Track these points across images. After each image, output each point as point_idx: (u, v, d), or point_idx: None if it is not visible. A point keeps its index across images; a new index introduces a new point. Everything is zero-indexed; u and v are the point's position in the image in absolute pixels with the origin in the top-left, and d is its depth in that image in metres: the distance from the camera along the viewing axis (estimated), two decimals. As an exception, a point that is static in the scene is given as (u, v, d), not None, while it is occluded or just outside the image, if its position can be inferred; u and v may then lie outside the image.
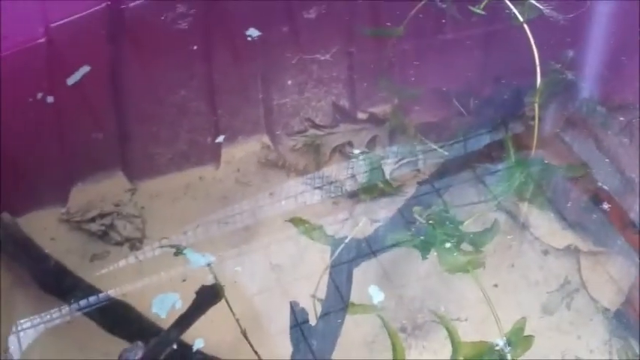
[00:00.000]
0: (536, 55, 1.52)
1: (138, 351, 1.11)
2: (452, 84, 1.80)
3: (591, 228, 1.62)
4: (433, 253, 1.37)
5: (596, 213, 1.62)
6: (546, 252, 1.64)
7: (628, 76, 1.72)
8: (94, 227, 1.62)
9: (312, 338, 1.23)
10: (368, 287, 1.48)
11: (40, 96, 1.54)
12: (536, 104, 1.51)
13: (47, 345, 1.45)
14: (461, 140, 1.67)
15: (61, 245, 1.60)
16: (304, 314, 1.22)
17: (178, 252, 1.20)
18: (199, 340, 1.27)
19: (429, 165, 1.74)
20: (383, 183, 1.67)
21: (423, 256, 1.28)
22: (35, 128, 1.57)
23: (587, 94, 1.69)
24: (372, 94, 1.87)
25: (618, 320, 1.50)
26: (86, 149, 1.65)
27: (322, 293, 1.39)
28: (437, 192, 1.53)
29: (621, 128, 1.65)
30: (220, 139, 1.75)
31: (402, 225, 1.43)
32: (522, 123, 1.70)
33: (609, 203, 1.60)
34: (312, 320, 1.29)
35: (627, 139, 1.64)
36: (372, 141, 1.82)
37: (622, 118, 1.66)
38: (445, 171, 1.67)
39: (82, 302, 1.43)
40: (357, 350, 1.47)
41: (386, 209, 1.67)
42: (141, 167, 1.74)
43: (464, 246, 1.32)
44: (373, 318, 1.48)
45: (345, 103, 1.87)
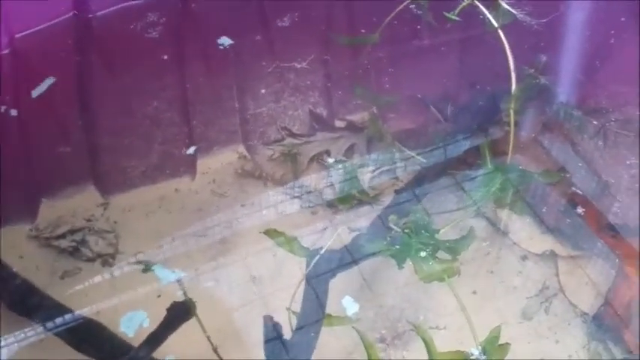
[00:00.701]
0: (510, 61, 1.51)
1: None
2: (428, 90, 1.79)
3: (569, 232, 1.61)
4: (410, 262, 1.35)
5: (573, 217, 1.61)
6: (525, 257, 1.62)
7: (602, 80, 1.71)
8: (65, 243, 1.58)
9: (287, 352, 1.20)
10: (345, 296, 1.47)
11: (3, 109, 1.50)
12: (511, 110, 1.50)
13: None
14: (439, 147, 1.65)
15: (30, 262, 1.56)
16: (278, 328, 1.19)
17: (147, 268, 1.18)
18: (169, 358, 1.24)
19: (408, 172, 1.73)
20: (359, 192, 1.65)
21: (399, 266, 1.26)
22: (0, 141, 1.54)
23: (562, 99, 1.68)
24: (350, 102, 1.86)
25: (596, 324, 1.49)
26: (55, 163, 1.62)
27: (298, 306, 1.37)
28: (415, 199, 1.51)
29: (596, 132, 1.65)
30: (191, 151, 1.73)
31: (381, 234, 1.41)
32: (500, 128, 1.69)
33: (586, 207, 1.59)
34: (287, 334, 1.26)
35: (602, 143, 1.64)
36: (350, 149, 1.80)
37: (595, 122, 1.66)
38: (423, 178, 1.66)
39: (51, 321, 1.39)
40: (337, 362, 1.45)
41: (365, 218, 1.65)
42: (113, 181, 1.71)
43: (440, 254, 1.30)
44: (352, 329, 1.46)
45: (323, 112, 1.86)
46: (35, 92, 1.49)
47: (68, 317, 1.39)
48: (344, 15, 1.77)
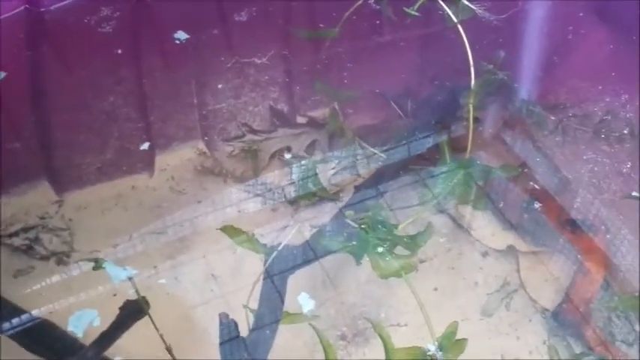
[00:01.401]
0: (470, 56, 1.51)
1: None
2: (389, 86, 1.78)
3: (530, 228, 1.61)
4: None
5: (534, 213, 1.62)
6: (486, 253, 1.62)
7: (561, 76, 1.72)
8: (18, 241, 1.54)
9: (243, 350, 1.18)
10: (307, 290, 1.45)
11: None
12: (470, 105, 1.49)
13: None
14: (401, 143, 1.64)
15: (-19, 261, 1.52)
16: (234, 326, 1.17)
17: (98, 266, 1.14)
18: (118, 359, 1.20)
19: (369, 169, 1.72)
20: (320, 189, 1.63)
21: (357, 262, 1.25)
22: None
23: (522, 94, 1.69)
24: (310, 98, 1.84)
25: (557, 320, 1.50)
26: (7, 159, 1.57)
27: (257, 303, 1.35)
28: (375, 196, 1.49)
29: (555, 128, 1.65)
30: (145, 146, 1.69)
31: (341, 230, 1.39)
32: (462, 125, 1.69)
33: (546, 202, 1.60)
34: (244, 332, 1.24)
35: (561, 139, 1.64)
36: (312, 145, 1.79)
37: (554, 118, 1.67)
38: (384, 174, 1.64)
39: (3, 322, 1.35)
40: (297, 360, 1.43)
41: (326, 215, 1.64)
42: (68, 177, 1.67)
43: (399, 250, 1.29)
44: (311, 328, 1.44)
45: (284, 107, 1.84)
46: (-14, 87, 1.45)
47: (22, 318, 1.34)
48: (303, 9, 1.75)
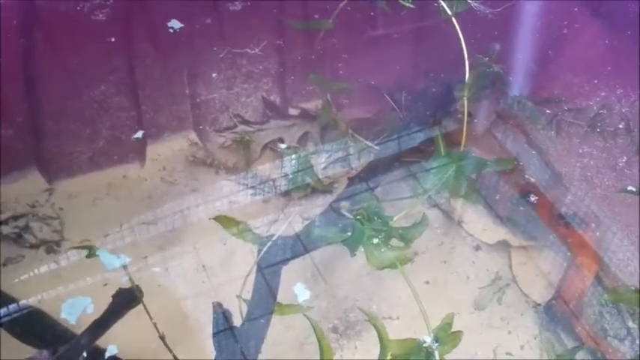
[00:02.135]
0: (464, 49, 1.50)
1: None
2: (383, 79, 1.78)
3: (522, 223, 1.62)
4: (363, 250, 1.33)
5: (526, 208, 1.62)
6: (478, 247, 1.63)
7: (555, 71, 1.72)
8: (7, 230, 1.52)
9: (236, 340, 1.17)
10: (299, 282, 1.45)
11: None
12: (465, 97, 1.49)
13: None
14: (393, 136, 1.64)
15: (-30, 249, 1.50)
16: (227, 317, 1.16)
17: (91, 254, 1.13)
18: (112, 347, 1.19)
19: (362, 162, 1.71)
20: (313, 180, 1.62)
21: (352, 253, 1.24)
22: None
23: (516, 88, 1.69)
24: (303, 90, 1.83)
25: (548, 314, 1.50)
26: (-3, 146, 1.55)
27: (249, 294, 1.34)
28: (368, 188, 1.49)
29: (548, 122, 1.65)
30: (139, 135, 1.68)
31: (333, 222, 1.38)
32: (454, 120, 1.69)
33: (538, 197, 1.60)
34: (237, 322, 1.23)
35: (554, 133, 1.65)
36: (304, 137, 1.78)
37: (549, 111, 1.67)
38: (377, 168, 1.64)
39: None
40: (289, 352, 1.42)
41: (318, 207, 1.63)
42: (58, 166, 1.65)
43: (393, 242, 1.29)
44: (304, 320, 1.43)
45: (276, 99, 1.83)
46: (-23, 73, 1.43)
47: (11, 307, 1.32)
48: (297, 0, 1.74)
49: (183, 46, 1.67)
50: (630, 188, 1.50)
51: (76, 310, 1.12)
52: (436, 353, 1.07)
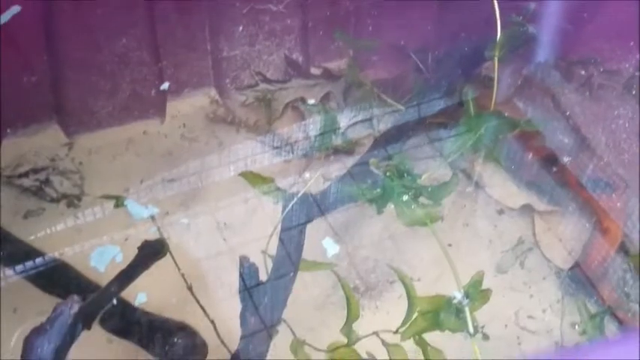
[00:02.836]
0: (496, 7, 1.47)
1: (73, 305, 1.02)
2: (410, 38, 1.74)
3: (546, 187, 1.60)
4: (388, 211, 1.32)
5: (551, 172, 1.60)
6: (501, 211, 1.61)
7: (586, 36, 1.68)
8: (28, 182, 1.51)
9: (262, 296, 1.16)
10: (320, 243, 1.43)
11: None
12: (495, 57, 1.46)
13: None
14: (420, 99, 1.61)
15: (-8, 201, 1.49)
16: (254, 269, 1.15)
17: (119, 203, 1.11)
18: (141, 295, 1.19)
19: (385, 123, 1.69)
20: (335, 142, 1.60)
21: (379, 210, 1.22)
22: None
23: (548, 50, 1.65)
24: (326, 49, 1.80)
25: (571, 279, 1.49)
26: (18, 98, 1.53)
27: (274, 251, 1.33)
28: (394, 149, 1.47)
29: (581, 84, 1.62)
30: (165, 86, 1.65)
31: (358, 180, 1.36)
32: (479, 82, 1.66)
33: (564, 162, 1.58)
34: (262, 277, 1.22)
35: (588, 94, 1.61)
36: (326, 97, 1.76)
37: (583, 72, 1.63)
38: (402, 128, 1.61)
39: (16, 260, 1.32)
40: (311, 311, 1.42)
41: (340, 167, 1.62)
42: (79, 120, 1.63)
43: (421, 200, 1.27)
44: (323, 280, 1.43)
45: (298, 57, 1.80)
46: (-1, 20, 1.40)
47: (33, 257, 1.32)
48: (325, -45, 1.70)
49: (205, 1, 1.64)
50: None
51: (105, 259, 1.11)
52: (466, 310, 1.06)
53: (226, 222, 1.54)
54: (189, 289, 1.12)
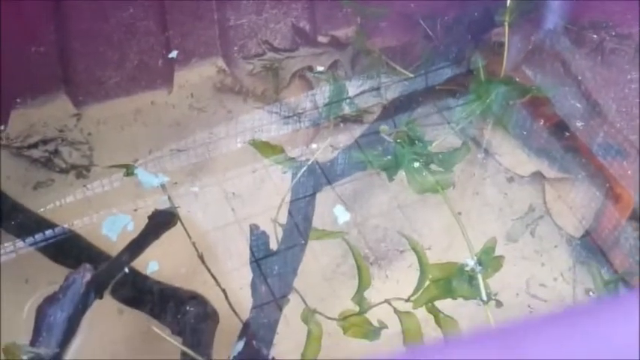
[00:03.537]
0: (506, -28, 1.44)
1: (85, 273, 1.03)
2: (418, 4, 1.72)
3: (556, 155, 1.59)
4: (397, 179, 1.31)
5: (561, 140, 1.59)
6: (511, 179, 1.60)
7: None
8: (37, 153, 1.51)
9: (272, 265, 1.16)
10: (329, 212, 1.43)
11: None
12: (506, 23, 1.44)
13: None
14: (429, 66, 1.59)
15: (1, 171, 1.49)
16: (264, 237, 1.14)
17: (129, 172, 1.11)
18: (153, 263, 1.19)
19: (393, 91, 1.67)
20: (348, 107, 1.58)
21: (390, 178, 1.22)
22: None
23: (557, 15, 1.62)
24: (334, 16, 1.78)
25: (583, 246, 1.48)
26: (26, 69, 1.52)
27: (283, 220, 1.32)
28: (402, 116, 1.46)
29: (592, 48, 1.60)
30: (173, 54, 1.64)
31: (368, 148, 1.36)
32: (489, 51, 1.63)
33: (575, 128, 1.56)
34: (272, 246, 1.22)
35: (599, 58, 1.59)
36: (334, 66, 1.74)
37: (595, 36, 1.61)
38: (411, 96, 1.60)
39: (26, 231, 1.33)
40: (320, 282, 1.42)
41: (348, 136, 1.60)
42: (87, 90, 1.62)
43: (432, 168, 1.26)
44: (332, 249, 1.43)
45: (306, 25, 1.78)
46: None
47: (44, 228, 1.32)
48: None
49: (212, -32, 1.62)
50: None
51: (117, 228, 1.11)
52: (479, 277, 1.06)
53: (235, 192, 1.53)
54: (200, 258, 1.12)
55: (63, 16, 1.49)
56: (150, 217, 1.16)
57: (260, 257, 1.13)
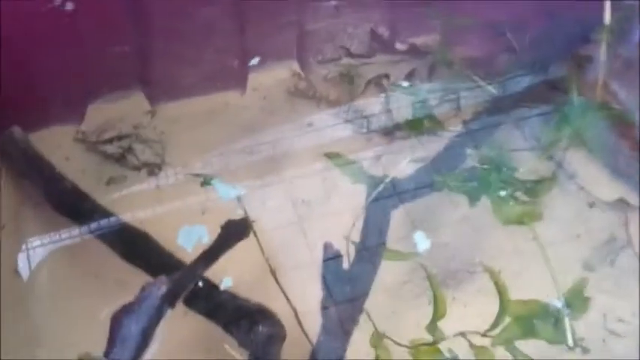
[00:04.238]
0: (606, -11, 1.37)
1: (162, 285, 1.02)
2: (503, 16, 1.65)
3: (642, 181, 1.50)
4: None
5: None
6: (592, 204, 1.53)
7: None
8: (111, 149, 1.52)
9: (345, 283, 1.13)
10: (400, 230, 1.39)
11: (59, 2, 1.40)
12: (603, 42, 1.36)
13: (57, 267, 1.37)
14: (512, 80, 1.53)
15: (76, 165, 1.50)
16: (338, 258, 1.11)
17: (206, 182, 1.09)
18: (227, 279, 1.17)
19: (473, 104, 1.62)
20: (429, 119, 1.54)
21: (472, 204, 1.16)
22: (52, 37, 1.43)
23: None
24: (414, 24, 1.73)
25: (667, 282, 1.41)
26: (105, 64, 1.53)
27: (354, 235, 1.29)
28: (484, 133, 1.40)
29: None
30: (255, 61, 1.62)
31: (448, 167, 1.31)
32: (574, 66, 1.56)
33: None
34: (345, 263, 1.19)
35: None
36: (411, 74, 1.70)
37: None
38: (491, 111, 1.54)
39: (98, 227, 1.33)
40: (380, 301, 1.37)
41: (424, 149, 1.56)
42: (162, 88, 1.62)
43: (517, 195, 1.21)
44: (397, 267, 1.38)
45: (384, 32, 1.74)
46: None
47: (114, 223, 1.32)
48: None
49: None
50: None
51: (193, 238, 1.10)
52: (566, 320, 1.00)
53: (304, 199, 1.51)
54: (272, 274, 1.10)
55: (143, 15, 1.49)
56: (223, 227, 1.15)
57: (332, 277, 1.10)
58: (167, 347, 1.25)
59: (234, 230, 1.14)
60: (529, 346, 1.10)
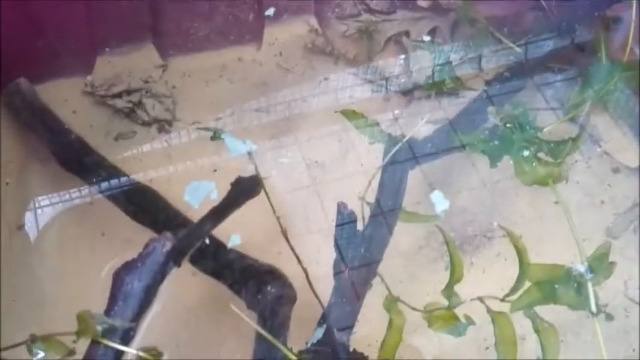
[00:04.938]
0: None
1: (166, 242, 0.98)
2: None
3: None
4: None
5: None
6: (616, 170, 1.48)
7: None
8: (120, 103, 1.48)
9: (358, 246, 1.09)
10: (417, 193, 1.34)
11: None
12: (633, 2, 1.30)
13: (65, 225, 1.34)
14: (538, 41, 1.47)
15: (83, 120, 1.46)
16: (352, 218, 1.07)
17: (216, 136, 1.05)
18: (235, 237, 1.13)
19: (496, 64, 1.56)
20: (451, 79, 1.48)
21: (493, 164, 1.11)
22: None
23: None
24: (437, -21, 1.66)
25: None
26: (115, 14, 1.48)
27: (369, 196, 1.25)
28: (508, 93, 1.34)
29: None
30: (270, 12, 1.57)
31: (468, 127, 1.25)
32: (601, 26, 1.49)
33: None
34: (359, 225, 1.14)
35: None
36: (432, 32, 1.63)
37: None
38: (515, 72, 1.48)
39: (105, 184, 1.30)
40: (396, 264, 1.34)
41: (443, 111, 1.50)
42: (174, 41, 1.57)
43: (540, 156, 1.15)
44: (414, 230, 1.34)
45: (406, -13, 1.67)
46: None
47: (122, 180, 1.29)
48: None
49: None
50: None
51: (200, 195, 1.05)
52: (589, 285, 0.96)
53: (318, 160, 1.46)
54: (283, 234, 1.06)
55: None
56: (233, 185, 1.10)
57: (345, 238, 1.06)
58: (174, 307, 1.23)
59: (244, 187, 1.09)
60: (549, 314, 1.06)
